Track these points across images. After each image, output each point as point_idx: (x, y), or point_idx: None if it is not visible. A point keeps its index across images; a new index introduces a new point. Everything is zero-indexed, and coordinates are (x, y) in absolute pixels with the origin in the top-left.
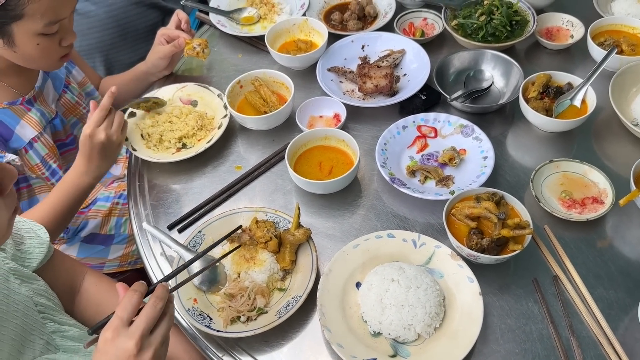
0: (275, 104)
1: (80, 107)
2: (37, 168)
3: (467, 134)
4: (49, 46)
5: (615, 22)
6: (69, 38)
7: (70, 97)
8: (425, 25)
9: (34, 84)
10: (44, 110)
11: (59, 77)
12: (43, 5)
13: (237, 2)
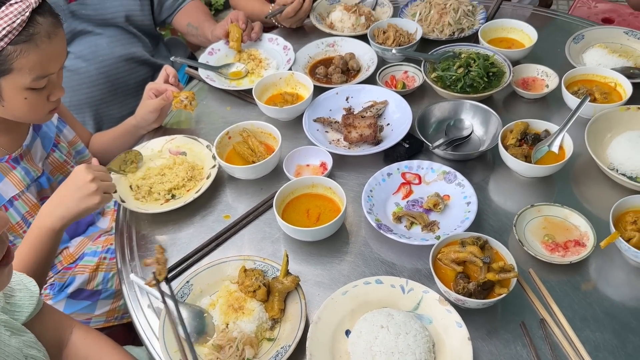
0: (263, 154)
1: (68, 166)
2: (18, 226)
3: (450, 180)
4: (36, 101)
5: (587, 72)
6: (57, 93)
7: (59, 155)
8: (406, 77)
9: (22, 142)
10: (29, 168)
11: (48, 135)
12: (31, 60)
13: (225, 58)
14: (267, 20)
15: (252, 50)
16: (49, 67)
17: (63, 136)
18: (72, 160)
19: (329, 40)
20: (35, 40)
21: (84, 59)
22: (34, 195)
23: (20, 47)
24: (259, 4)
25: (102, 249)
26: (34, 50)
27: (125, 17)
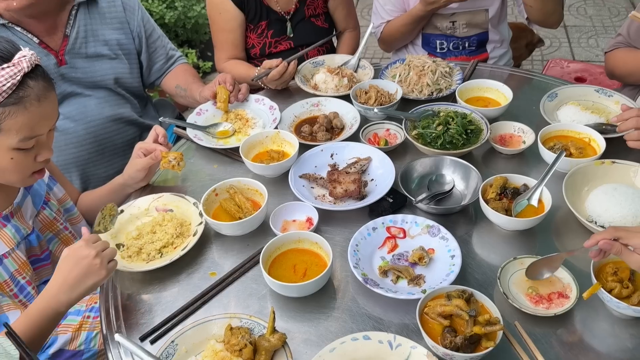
0: (249, 210)
1: (57, 223)
2: (5, 285)
3: (434, 233)
4: (23, 161)
5: (562, 128)
6: (45, 154)
7: (49, 213)
8: (388, 135)
9: (13, 200)
10: (19, 226)
11: (38, 193)
12: (19, 122)
13: (213, 118)
14: (253, 82)
15: (239, 110)
16: (37, 129)
17: (53, 194)
18: (62, 218)
19: (314, 100)
20: (24, 102)
21: (72, 119)
22: (23, 253)
23: (8, 109)
24: (244, 68)
25: (86, 308)
26: (22, 113)
27: (115, 79)
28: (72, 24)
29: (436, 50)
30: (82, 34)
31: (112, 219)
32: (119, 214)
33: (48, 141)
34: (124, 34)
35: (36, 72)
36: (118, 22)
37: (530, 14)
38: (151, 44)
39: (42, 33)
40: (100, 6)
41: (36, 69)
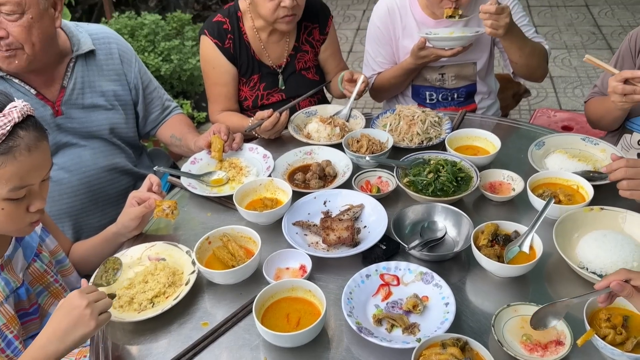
0: (242, 258)
1: (48, 276)
2: None
3: (428, 281)
4: (14, 211)
5: (550, 175)
6: (37, 204)
7: (40, 265)
8: (380, 182)
9: (4, 253)
10: (9, 279)
11: (30, 245)
12: (8, 172)
13: (207, 167)
14: (246, 133)
15: (233, 159)
16: (28, 178)
17: (45, 245)
18: (53, 270)
19: (307, 149)
20: (13, 152)
21: (66, 170)
22: (11, 306)
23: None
24: (238, 119)
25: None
26: (11, 162)
27: (110, 129)
28: (70, 75)
29: (426, 101)
30: (79, 85)
31: (116, 272)
32: (122, 267)
33: (41, 191)
34: (120, 85)
35: (27, 123)
36: (115, 74)
37: (515, 69)
38: (147, 95)
39: (39, 85)
40: (98, 58)
41: (28, 119)
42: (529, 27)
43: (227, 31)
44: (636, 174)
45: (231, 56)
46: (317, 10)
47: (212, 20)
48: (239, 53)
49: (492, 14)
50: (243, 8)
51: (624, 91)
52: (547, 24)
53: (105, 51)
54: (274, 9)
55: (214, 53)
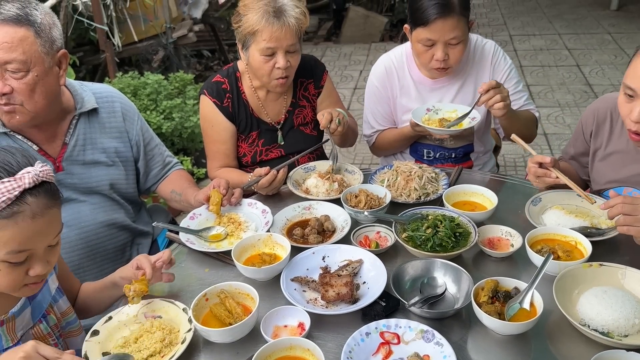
0: (240, 315)
1: (49, 339)
2: None
3: (429, 339)
4: (10, 273)
5: (548, 231)
6: (38, 270)
7: (44, 327)
8: (378, 237)
9: (10, 309)
10: (4, 336)
11: (40, 306)
12: (6, 235)
13: (206, 222)
14: (245, 189)
15: (232, 214)
16: (27, 244)
17: (57, 306)
18: (56, 333)
19: (305, 204)
20: (15, 217)
21: (65, 225)
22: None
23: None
24: (237, 175)
25: None
26: (11, 227)
27: (110, 185)
28: (72, 132)
29: (423, 157)
30: (81, 142)
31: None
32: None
33: (46, 256)
34: (122, 142)
35: (39, 189)
36: (117, 132)
37: (506, 133)
38: (149, 151)
39: (42, 141)
40: (100, 116)
41: (41, 185)
42: (524, 93)
43: (226, 90)
44: (633, 210)
45: (230, 114)
46: (312, 66)
47: (212, 80)
48: (238, 111)
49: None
50: (241, 69)
51: (536, 174)
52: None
53: (108, 109)
54: (270, 70)
55: (213, 112)
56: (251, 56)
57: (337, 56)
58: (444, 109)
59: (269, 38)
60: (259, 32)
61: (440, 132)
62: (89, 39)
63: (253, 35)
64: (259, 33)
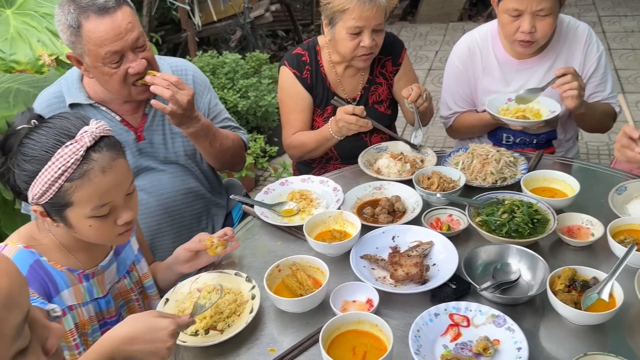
0: (310, 288)
1: (132, 294)
2: (70, 333)
3: (500, 324)
4: (102, 226)
5: (632, 222)
6: (125, 217)
7: (128, 283)
8: (450, 220)
9: (99, 263)
10: (95, 288)
11: (124, 262)
12: (86, 193)
13: (279, 197)
14: (334, 103)
15: (304, 191)
16: (107, 197)
17: (139, 267)
18: (137, 289)
19: (376, 184)
20: (88, 175)
21: (146, 191)
22: (89, 312)
23: (75, 183)
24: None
25: None
26: (87, 185)
27: (187, 155)
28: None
29: (502, 142)
30: (160, 113)
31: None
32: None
33: (127, 204)
34: None
35: (100, 145)
36: None
37: (581, 127)
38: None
39: (124, 112)
40: None
41: (101, 140)
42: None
43: (306, 63)
44: None
45: (308, 86)
46: (390, 43)
47: (292, 52)
48: (315, 84)
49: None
50: (322, 43)
51: (621, 142)
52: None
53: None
54: (354, 48)
55: (292, 82)
56: (337, 33)
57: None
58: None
59: (358, 17)
60: (349, 11)
61: (516, 124)
62: (171, 18)
63: (342, 13)
64: (348, 12)
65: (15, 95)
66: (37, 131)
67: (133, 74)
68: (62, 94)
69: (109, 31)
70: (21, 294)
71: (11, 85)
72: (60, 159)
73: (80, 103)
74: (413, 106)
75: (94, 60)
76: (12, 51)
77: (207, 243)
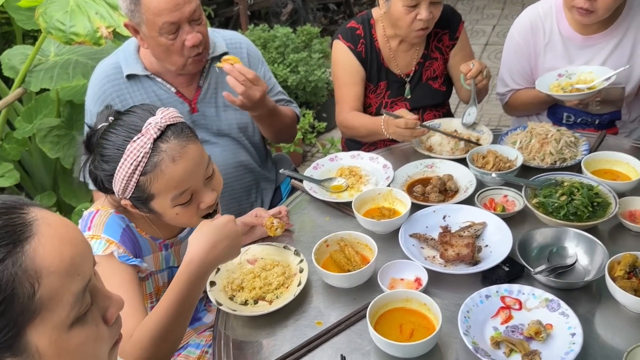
0: (358, 264)
1: None
2: (149, 297)
3: (553, 308)
4: (187, 212)
5: None
6: (207, 201)
7: None
8: (505, 201)
9: (178, 235)
10: (172, 257)
11: None
12: (162, 184)
13: (328, 173)
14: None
15: (354, 167)
16: (184, 184)
17: None
18: None
19: (428, 162)
20: (160, 166)
21: None
22: (163, 279)
23: (149, 176)
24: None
25: (205, 343)
26: (161, 176)
27: (239, 128)
28: (205, 76)
29: (562, 121)
30: (213, 86)
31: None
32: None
33: (209, 187)
34: None
35: (167, 134)
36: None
37: None
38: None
39: (179, 84)
40: None
41: (167, 130)
42: None
43: (360, 36)
44: None
45: (362, 60)
46: (448, 15)
47: (346, 26)
48: (370, 58)
49: None
50: (376, 16)
51: None
52: None
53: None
54: (410, 21)
55: (347, 55)
56: (393, 6)
57: (468, 9)
58: (578, 72)
59: None
60: None
61: (570, 98)
62: None
63: None
64: None
65: (74, 66)
66: (110, 130)
67: (190, 47)
68: (120, 65)
69: (168, 1)
70: (84, 263)
71: (71, 57)
72: (131, 155)
73: (137, 74)
74: (471, 82)
75: (151, 30)
76: (71, 23)
77: (267, 223)
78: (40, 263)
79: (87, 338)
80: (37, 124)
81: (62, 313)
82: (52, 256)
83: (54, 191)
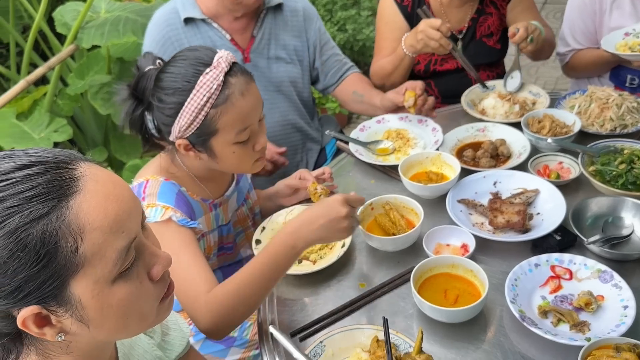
0: (403, 228)
1: (248, 220)
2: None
3: (606, 280)
4: (243, 152)
5: None
6: (261, 142)
7: (245, 209)
8: (560, 168)
9: (224, 192)
10: (221, 215)
11: (242, 191)
12: (231, 118)
13: (374, 135)
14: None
15: (401, 130)
16: (247, 120)
17: (252, 195)
18: (251, 216)
19: (480, 125)
20: (231, 99)
21: None
22: (214, 238)
23: (219, 109)
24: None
25: None
26: (231, 109)
27: (289, 82)
28: (260, 26)
29: (625, 84)
30: (267, 37)
31: None
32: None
33: (260, 129)
34: (300, 41)
35: (234, 70)
36: (297, 30)
37: None
38: (325, 51)
39: (234, 31)
40: (284, 13)
41: (234, 66)
42: None
43: None
44: None
45: (408, 14)
46: None
47: None
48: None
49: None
50: None
51: None
52: None
53: (291, 7)
54: None
55: (391, 10)
56: None
57: None
58: None
59: None
60: None
61: (636, 58)
62: None
63: None
64: None
65: (124, 23)
66: (172, 65)
67: None
68: (177, 10)
69: None
70: (130, 220)
71: (121, 13)
72: (204, 86)
73: (194, 18)
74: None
75: None
76: None
77: (310, 189)
78: (84, 219)
79: (130, 294)
80: (88, 80)
81: (105, 268)
82: (96, 212)
83: (105, 147)
